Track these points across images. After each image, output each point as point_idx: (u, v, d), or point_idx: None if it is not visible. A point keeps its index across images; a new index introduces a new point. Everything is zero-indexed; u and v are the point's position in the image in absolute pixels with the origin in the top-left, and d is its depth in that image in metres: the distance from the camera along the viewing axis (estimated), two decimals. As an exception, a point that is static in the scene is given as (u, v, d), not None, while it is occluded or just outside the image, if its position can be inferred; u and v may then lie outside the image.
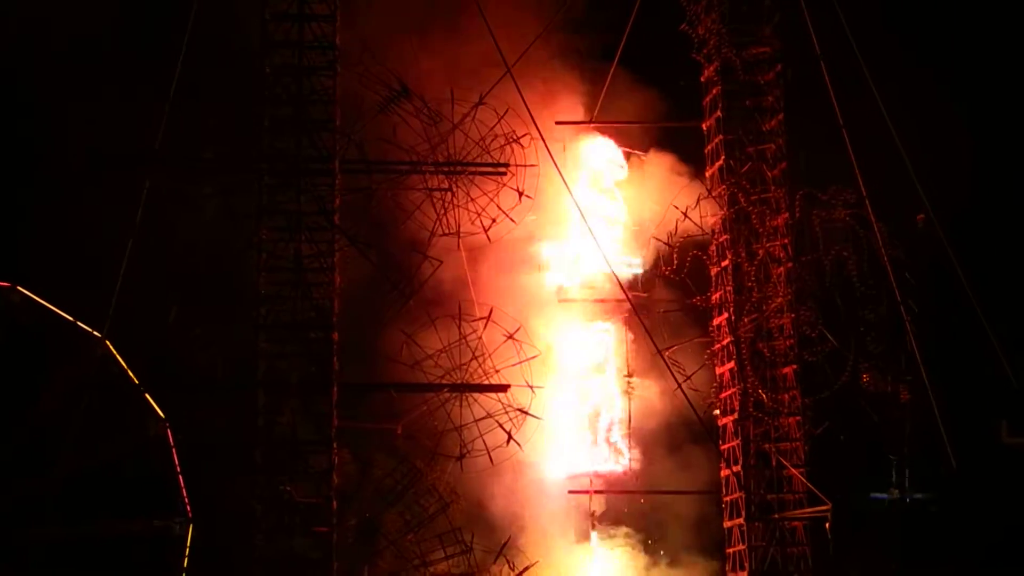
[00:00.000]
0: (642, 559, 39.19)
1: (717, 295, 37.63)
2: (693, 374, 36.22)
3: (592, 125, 39.16)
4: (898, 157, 35.81)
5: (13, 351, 31.08)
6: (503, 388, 33.98)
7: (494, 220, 34.48)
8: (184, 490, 32.01)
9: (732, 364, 36.92)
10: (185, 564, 31.97)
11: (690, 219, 36.60)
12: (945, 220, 35.83)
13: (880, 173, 36.36)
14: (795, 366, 36.56)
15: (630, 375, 38.84)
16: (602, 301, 39.18)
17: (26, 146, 35.10)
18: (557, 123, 37.62)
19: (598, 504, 38.87)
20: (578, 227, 37.53)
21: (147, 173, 33.00)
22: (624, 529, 39.25)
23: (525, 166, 34.39)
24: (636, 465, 39.13)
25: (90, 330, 31.67)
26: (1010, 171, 38.92)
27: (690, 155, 39.12)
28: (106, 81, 34.77)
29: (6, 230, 34.10)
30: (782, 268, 36.85)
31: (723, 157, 37.58)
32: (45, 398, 30.33)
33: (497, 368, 34.00)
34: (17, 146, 35.17)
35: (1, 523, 29.87)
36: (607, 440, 39.12)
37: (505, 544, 34.18)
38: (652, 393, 38.87)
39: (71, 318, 31.81)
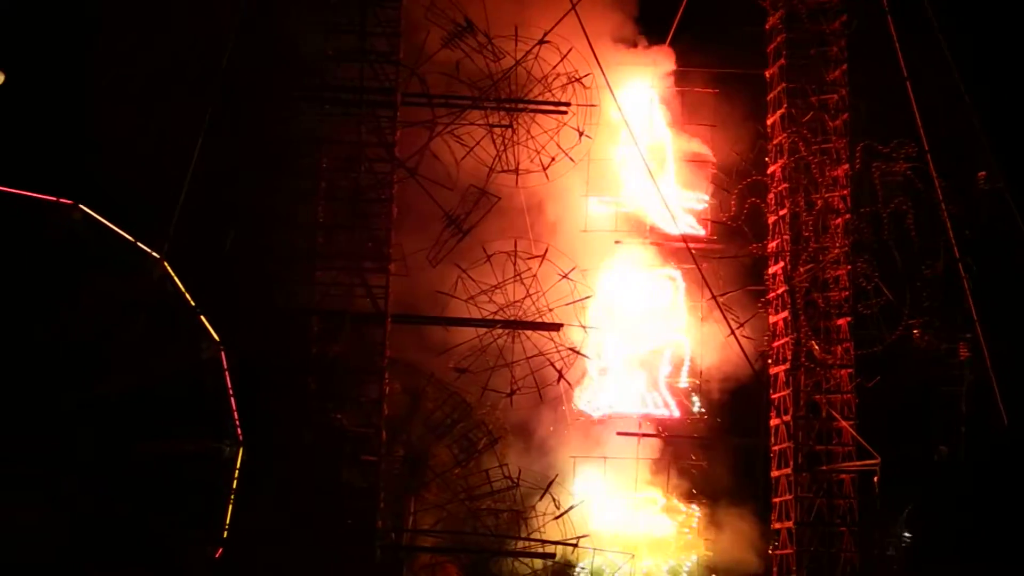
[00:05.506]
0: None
1: (774, 244, 37.43)
2: (746, 322, 36.19)
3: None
4: (963, 112, 35.53)
5: (72, 268, 31.10)
6: (556, 327, 34.02)
7: (553, 159, 34.48)
8: (236, 413, 32.07)
9: (786, 313, 36.78)
10: (234, 487, 32.05)
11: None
12: (1008, 177, 35.56)
13: (943, 128, 36.03)
14: (849, 318, 36.37)
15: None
16: (659, 244, 39.00)
17: (91, 68, 34.99)
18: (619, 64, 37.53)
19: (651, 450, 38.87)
20: (637, 169, 37.36)
21: (209, 98, 33.06)
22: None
23: (587, 106, 34.39)
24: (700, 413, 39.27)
25: (149, 250, 31.73)
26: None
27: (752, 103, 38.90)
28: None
29: (73, 150, 34.10)
30: (840, 219, 36.60)
31: (785, 105, 37.34)
32: (87, 307, 30.21)
33: (551, 307, 34.05)
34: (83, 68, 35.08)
35: (55, 431, 29.98)
36: (669, 386, 39.00)
37: (552, 482, 34.25)
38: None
39: (131, 238, 31.88)
